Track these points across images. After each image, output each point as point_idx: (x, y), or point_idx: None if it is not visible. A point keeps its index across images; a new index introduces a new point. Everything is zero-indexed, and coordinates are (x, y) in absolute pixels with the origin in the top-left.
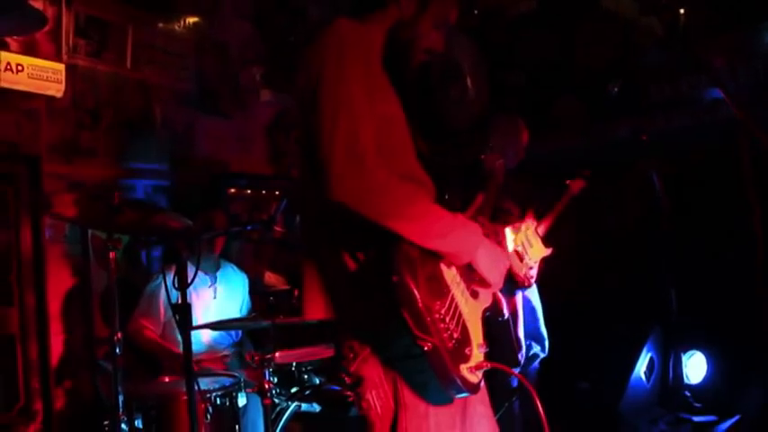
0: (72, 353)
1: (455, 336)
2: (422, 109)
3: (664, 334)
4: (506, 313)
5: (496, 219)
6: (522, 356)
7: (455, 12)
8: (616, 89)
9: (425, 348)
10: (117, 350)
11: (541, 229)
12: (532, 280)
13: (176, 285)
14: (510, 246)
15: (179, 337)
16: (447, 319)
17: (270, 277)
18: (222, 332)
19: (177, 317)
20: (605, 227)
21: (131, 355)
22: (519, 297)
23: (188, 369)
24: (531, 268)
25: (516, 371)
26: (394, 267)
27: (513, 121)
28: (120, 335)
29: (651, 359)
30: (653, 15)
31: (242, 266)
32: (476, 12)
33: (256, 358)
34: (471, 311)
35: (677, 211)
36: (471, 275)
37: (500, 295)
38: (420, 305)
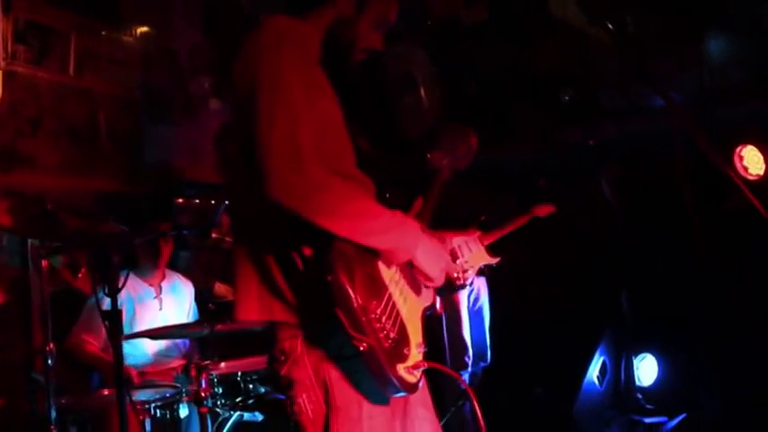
0: (11, 368)
1: (392, 335)
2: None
3: (616, 337)
4: (440, 311)
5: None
6: (468, 359)
7: (395, 11)
8: (567, 97)
9: (361, 348)
10: (49, 362)
11: (487, 240)
12: (467, 282)
13: (107, 291)
14: (446, 246)
15: (123, 351)
16: (383, 319)
17: (220, 288)
18: (169, 343)
19: (106, 324)
20: (558, 231)
21: (71, 369)
22: (463, 298)
23: (118, 379)
24: (465, 270)
25: (464, 374)
26: (329, 266)
27: (460, 128)
28: (52, 346)
29: (604, 362)
30: (600, 24)
31: (191, 277)
32: (429, 23)
33: (192, 367)
34: (410, 310)
35: (629, 215)
36: (412, 273)
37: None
38: (355, 305)
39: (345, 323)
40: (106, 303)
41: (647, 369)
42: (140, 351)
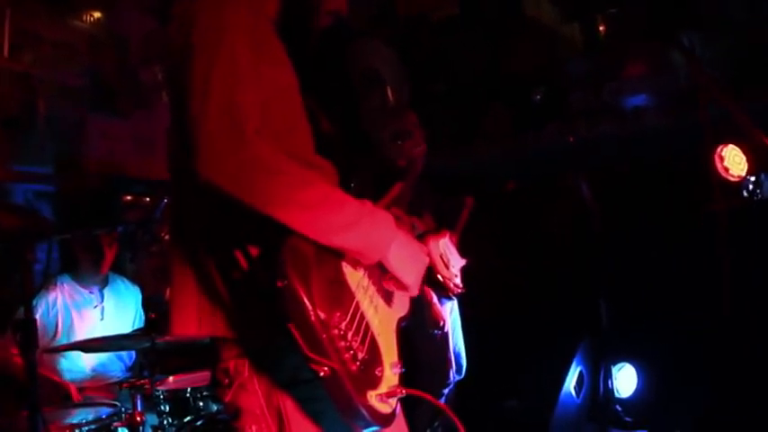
0: None
1: (360, 355)
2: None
3: (593, 346)
4: (447, 326)
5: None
6: (453, 375)
7: None
8: (539, 97)
9: (321, 374)
10: None
11: (454, 240)
12: (460, 289)
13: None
14: (435, 251)
15: (59, 365)
16: (349, 336)
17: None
18: (111, 356)
19: (18, 336)
20: (532, 237)
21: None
22: (447, 308)
23: (31, 400)
24: (457, 276)
25: (445, 391)
26: (279, 269)
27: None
28: None
29: (581, 373)
30: (574, 23)
31: (140, 283)
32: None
33: (125, 385)
34: (383, 323)
35: (606, 220)
36: (383, 277)
37: (438, 304)
38: (312, 318)
39: (301, 342)
40: (40, 312)
41: (626, 380)
42: (79, 365)
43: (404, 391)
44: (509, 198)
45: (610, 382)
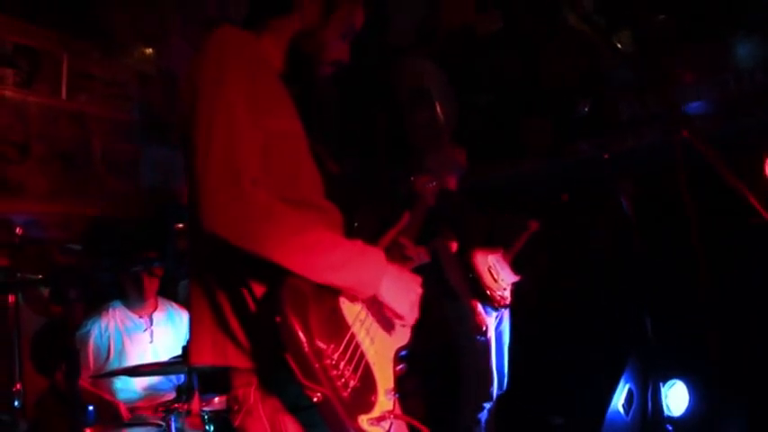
0: None
1: (351, 383)
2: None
3: (643, 363)
4: (489, 332)
5: (391, 253)
6: (494, 390)
7: (360, 19)
8: (586, 108)
9: (314, 399)
10: (16, 403)
11: (508, 258)
12: (507, 301)
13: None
14: (483, 264)
15: (113, 385)
16: (342, 365)
17: None
18: (161, 377)
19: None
20: (577, 252)
21: (56, 406)
22: (491, 323)
23: (73, 422)
24: (504, 289)
25: (486, 406)
26: (278, 305)
27: (449, 148)
28: (19, 386)
29: (630, 390)
30: (620, 31)
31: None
32: (440, 35)
33: (161, 408)
34: (379, 353)
35: (652, 233)
36: (381, 309)
37: (483, 313)
38: (306, 349)
39: (296, 370)
40: (94, 336)
41: (677, 397)
42: (131, 385)
43: (394, 416)
44: (557, 211)
45: (659, 400)
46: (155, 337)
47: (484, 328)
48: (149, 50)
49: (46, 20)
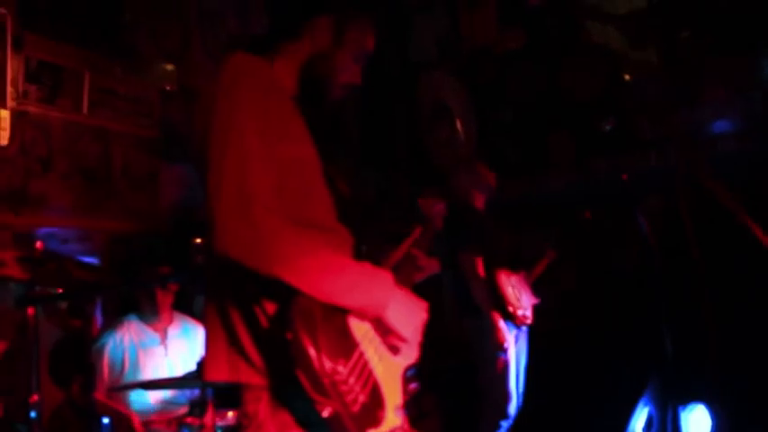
0: (9, 416)
1: (360, 399)
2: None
3: (663, 386)
4: (509, 350)
5: (403, 264)
6: (511, 409)
7: (372, 41)
8: (609, 126)
9: (324, 414)
10: (33, 414)
11: (529, 280)
12: (528, 321)
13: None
14: (507, 283)
15: (128, 398)
16: (351, 381)
17: None
18: (176, 390)
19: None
20: (598, 272)
21: (72, 418)
22: (512, 336)
23: None
24: (526, 309)
25: (504, 423)
26: (289, 323)
27: (478, 168)
28: (36, 397)
29: (650, 415)
30: (646, 47)
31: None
32: (463, 54)
33: (174, 422)
34: (388, 370)
35: (670, 250)
36: (387, 330)
37: (504, 329)
38: (316, 365)
39: (307, 386)
40: (108, 349)
41: (698, 422)
42: (145, 399)
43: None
44: (579, 228)
45: (679, 425)
46: (169, 350)
47: (505, 345)
48: (171, 67)
49: (69, 37)
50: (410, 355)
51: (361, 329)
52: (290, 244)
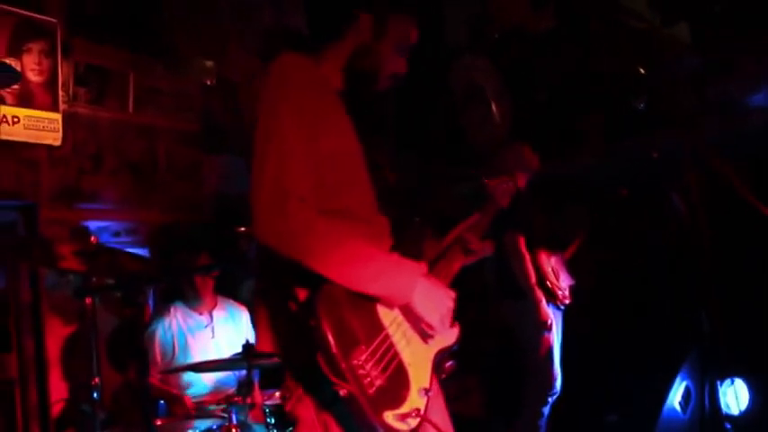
0: (74, 397)
1: (377, 382)
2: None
3: (701, 359)
4: (553, 327)
5: (455, 247)
6: (555, 390)
7: (414, 32)
8: (642, 104)
9: (341, 394)
10: (95, 395)
11: (566, 259)
12: (568, 300)
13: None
14: (547, 263)
15: (182, 380)
16: (369, 365)
17: None
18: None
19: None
20: (636, 248)
21: (130, 400)
22: (556, 322)
23: (145, 415)
24: (565, 289)
25: (550, 400)
26: (313, 310)
27: (521, 149)
28: (97, 380)
29: (687, 388)
30: (678, 22)
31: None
32: (496, 36)
33: (223, 402)
34: (415, 353)
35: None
36: (416, 316)
37: (546, 308)
38: (334, 351)
39: (325, 369)
40: (158, 335)
41: (737, 395)
42: (198, 380)
43: (421, 414)
44: (615, 206)
45: (717, 398)
46: (216, 333)
47: (549, 322)
48: (210, 62)
49: (113, 40)
50: (441, 340)
51: (389, 316)
52: (321, 234)
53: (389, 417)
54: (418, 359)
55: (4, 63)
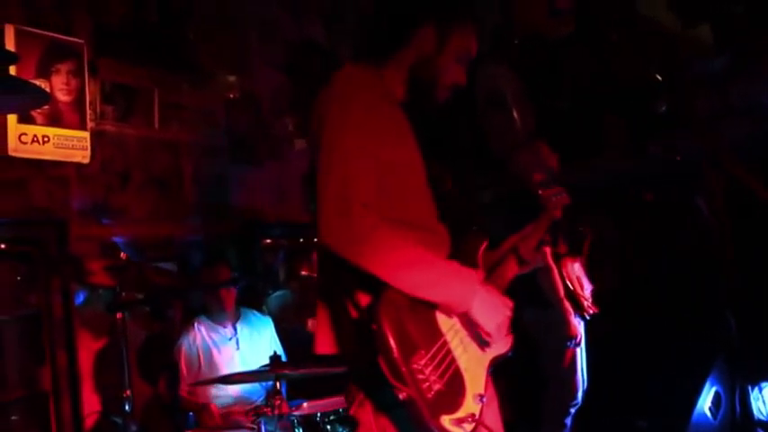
0: (106, 409)
1: (436, 387)
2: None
3: (731, 364)
4: (581, 340)
5: (508, 257)
6: (577, 401)
7: (475, 44)
8: (663, 108)
9: (401, 397)
10: (126, 407)
11: (585, 265)
12: (593, 310)
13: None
14: (572, 272)
15: (209, 392)
16: (428, 370)
17: (314, 325)
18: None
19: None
20: (664, 252)
21: (160, 411)
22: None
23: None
24: (589, 297)
25: (572, 410)
26: (375, 315)
27: (535, 146)
28: (128, 392)
29: (717, 393)
30: (699, 24)
31: (284, 315)
32: (516, 42)
33: (251, 413)
34: (471, 360)
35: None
36: (474, 324)
37: (574, 320)
38: (395, 355)
39: (386, 372)
40: (184, 349)
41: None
42: (225, 392)
43: (475, 420)
44: (641, 210)
45: (748, 403)
46: (240, 345)
47: (577, 338)
48: (233, 77)
49: (138, 59)
50: (497, 348)
51: (448, 323)
52: (383, 240)
53: (446, 421)
54: (474, 366)
55: (37, 86)
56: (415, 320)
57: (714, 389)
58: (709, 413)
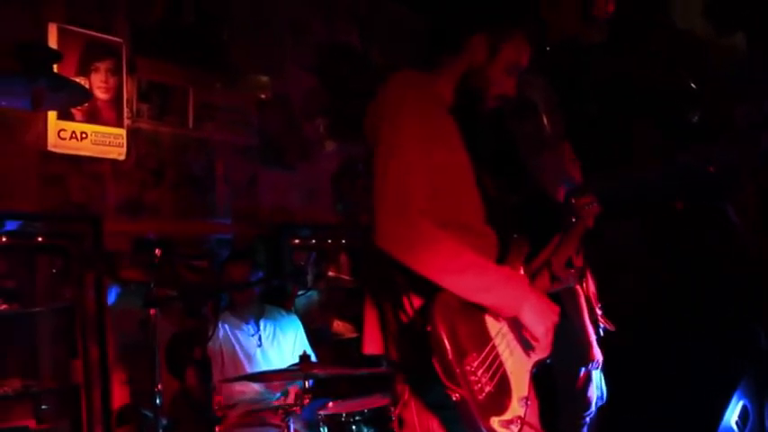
0: (135, 402)
1: (487, 389)
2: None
3: (759, 378)
4: (598, 360)
5: (541, 274)
6: (591, 411)
7: (527, 56)
8: (696, 117)
9: (454, 398)
10: (157, 401)
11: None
12: (610, 327)
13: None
14: (592, 286)
15: (234, 389)
16: (480, 372)
17: (338, 325)
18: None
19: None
20: (692, 262)
21: (187, 406)
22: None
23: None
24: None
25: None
26: (429, 317)
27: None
28: (160, 386)
29: (745, 407)
30: (733, 32)
31: (309, 314)
32: (548, 48)
33: (280, 411)
34: (517, 363)
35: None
36: (520, 328)
37: (594, 341)
38: (450, 356)
39: (440, 373)
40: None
41: None
42: (250, 389)
43: (521, 421)
44: (670, 219)
45: None
46: (263, 341)
47: (598, 361)
48: (265, 78)
49: (174, 58)
50: (540, 352)
51: (496, 327)
52: (438, 244)
53: (495, 422)
54: (518, 369)
55: (79, 83)
56: (467, 323)
57: (741, 403)
58: (736, 428)
